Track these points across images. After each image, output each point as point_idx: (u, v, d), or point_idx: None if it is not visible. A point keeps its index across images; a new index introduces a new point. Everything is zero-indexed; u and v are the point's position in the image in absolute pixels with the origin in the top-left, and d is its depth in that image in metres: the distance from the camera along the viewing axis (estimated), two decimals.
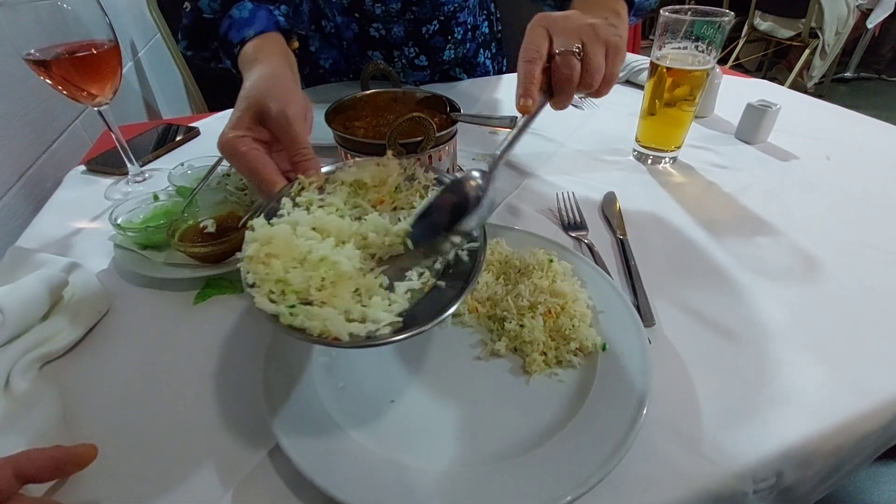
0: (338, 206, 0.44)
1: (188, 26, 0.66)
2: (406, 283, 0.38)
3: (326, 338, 0.33)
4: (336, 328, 0.33)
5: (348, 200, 0.45)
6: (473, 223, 0.39)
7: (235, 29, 0.60)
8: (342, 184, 0.46)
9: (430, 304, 0.37)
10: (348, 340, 0.33)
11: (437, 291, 0.38)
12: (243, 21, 0.60)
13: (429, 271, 0.39)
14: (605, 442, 0.36)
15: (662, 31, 0.69)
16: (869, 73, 3.67)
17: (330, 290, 0.36)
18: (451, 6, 0.95)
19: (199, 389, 0.44)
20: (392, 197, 0.46)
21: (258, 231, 0.38)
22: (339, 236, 0.40)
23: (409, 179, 0.48)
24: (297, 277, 0.36)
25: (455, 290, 0.37)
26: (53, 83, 0.62)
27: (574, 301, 0.46)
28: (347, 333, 0.33)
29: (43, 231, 0.66)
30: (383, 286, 0.38)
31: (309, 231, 0.39)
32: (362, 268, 0.39)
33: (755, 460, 0.37)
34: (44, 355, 0.46)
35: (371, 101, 0.68)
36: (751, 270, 0.55)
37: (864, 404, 0.41)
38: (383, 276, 0.38)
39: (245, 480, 0.36)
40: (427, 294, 0.38)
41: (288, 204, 0.42)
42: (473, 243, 0.41)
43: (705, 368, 0.44)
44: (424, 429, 0.39)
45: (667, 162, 0.77)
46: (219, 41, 0.63)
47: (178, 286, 0.55)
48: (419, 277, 0.39)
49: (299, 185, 0.44)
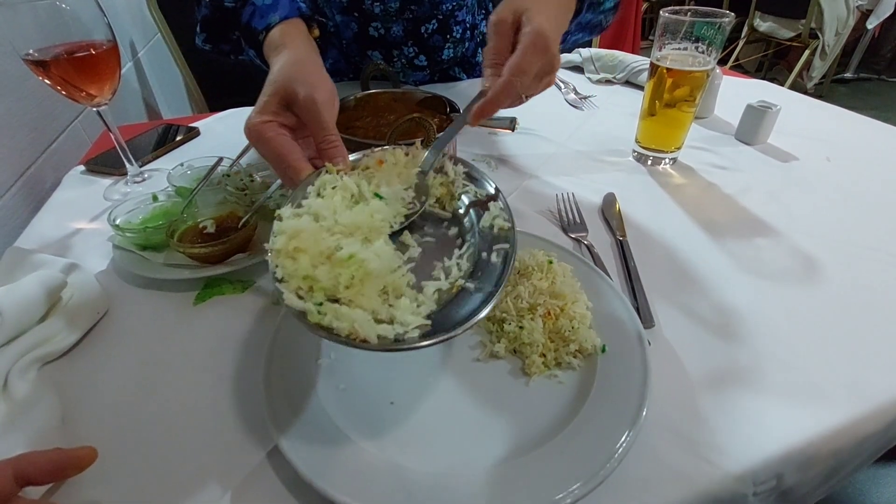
0: (352, 189, 0.43)
1: (207, 17, 0.65)
2: (434, 283, 0.37)
3: (354, 339, 0.32)
4: (365, 330, 0.32)
5: (360, 183, 0.44)
6: None
7: (259, 16, 0.59)
8: (368, 168, 0.46)
9: (458, 306, 0.36)
10: (377, 343, 0.32)
11: (465, 293, 0.37)
12: (266, 7, 0.60)
13: (457, 269, 0.39)
14: (605, 444, 0.36)
15: (662, 32, 0.69)
16: (869, 74, 3.67)
17: (358, 287, 0.35)
18: (450, 5, 0.95)
19: (199, 391, 0.44)
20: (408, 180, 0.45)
21: (286, 223, 0.38)
22: (368, 230, 0.39)
23: (438, 172, 0.47)
24: (324, 274, 0.35)
25: (484, 294, 0.36)
26: (52, 83, 0.62)
27: (574, 303, 0.46)
28: (376, 335, 0.32)
29: (42, 231, 0.65)
30: (411, 284, 0.37)
31: (336, 225, 0.39)
32: (390, 266, 0.38)
33: (755, 462, 0.37)
34: (42, 356, 0.46)
35: (371, 101, 0.68)
36: (750, 272, 0.55)
37: (864, 406, 0.41)
38: (410, 275, 0.38)
39: (244, 482, 0.36)
40: (456, 295, 0.37)
41: (312, 194, 0.42)
42: (504, 244, 0.40)
43: (705, 370, 0.44)
44: (424, 431, 0.39)
45: (667, 163, 0.77)
46: (241, 30, 0.62)
47: (178, 287, 0.54)
48: (447, 278, 0.38)
49: (326, 172, 0.44)
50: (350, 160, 0.45)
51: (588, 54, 1.13)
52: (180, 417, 0.42)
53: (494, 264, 0.39)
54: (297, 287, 0.35)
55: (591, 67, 1.12)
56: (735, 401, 0.41)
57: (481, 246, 0.40)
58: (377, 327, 0.33)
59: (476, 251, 0.40)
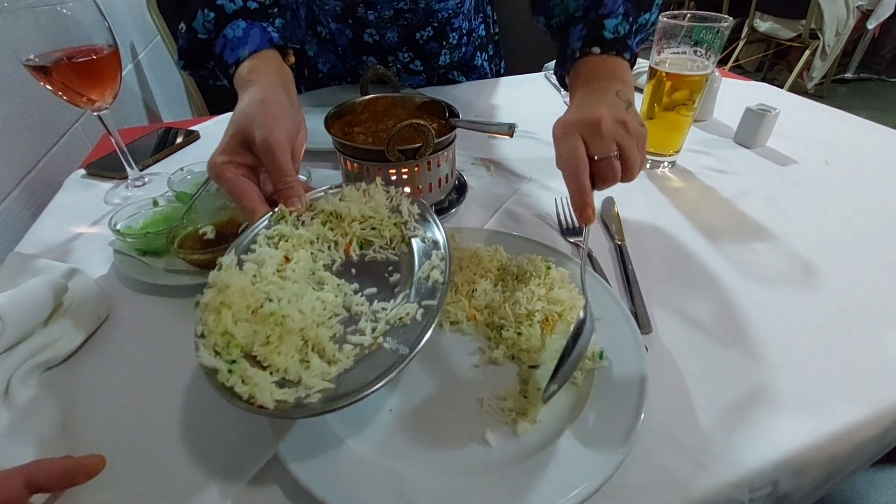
0: (311, 238, 0.44)
1: (184, 47, 0.66)
2: (357, 339, 0.37)
3: (252, 404, 0.32)
4: (262, 395, 0.32)
5: (320, 236, 0.45)
6: None
7: (230, 49, 0.60)
8: (321, 212, 0.46)
9: (371, 365, 0.35)
10: (272, 409, 0.32)
11: (382, 351, 0.36)
12: (237, 40, 0.60)
13: (384, 323, 0.38)
14: (602, 450, 0.36)
15: (661, 36, 0.69)
16: (869, 74, 3.67)
17: (275, 345, 0.35)
18: (445, 13, 0.94)
19: (199, 396, 0.44)
20: (361, 235, 0.46)
21: (220, 274, 0.38)
22: (303, 284, 0.40)
23: (393, 211, 0.48)
24: (242, 331, 0.35)
25: (396, 357, 0.35)
26: (53, 89, 0.62)
27: (572, 308, 0.46)
28: (273, 401, 0.32)
29: (43, 236, 0.66)
30: (336, 337, 0.37)
31: (272, 276, 0.39)
32: (317, 319, 0.38)
33: (751, 469, 0.37)
34: (44, 362, 0.46)
35: (370, 106, 0.68)
36: (748, 276, 0.55)
37: (861, 412, 0.41)
38: (339, 326, 0.38)
39: (244, 490, 0.37)
40: (374, 352, 0.36)
41: (262, 239, 0.43)
42: (431, 301, 0.39)
43: (702, 376, 0.44)
44: (422, 438, 0.39)
45: (665, 166, 0.77)
46: (215, 61, 0.63)
47: (178, 292, 0.55)
48: (372, 332, 0.38)
49: (280, 213, 0.45)
50: (307, 198, 0.47)
51: None
52: (181, 424, 0.42)
53: (418, 323, 0.37)
54: (215, 343, 0.35)
55: None
56: (731, 407, 0.41)
57: (413, 298, 0.40)
58: (277, 392, 0.33)
59: (407, 305, 0.39)
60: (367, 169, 0.58)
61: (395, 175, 0.58)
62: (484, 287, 0.50)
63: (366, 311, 0.40)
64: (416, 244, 0.45)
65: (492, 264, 0.53)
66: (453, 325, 0.48)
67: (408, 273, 0.43)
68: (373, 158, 0.57)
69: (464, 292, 0.50)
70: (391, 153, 0.55)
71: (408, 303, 0.39)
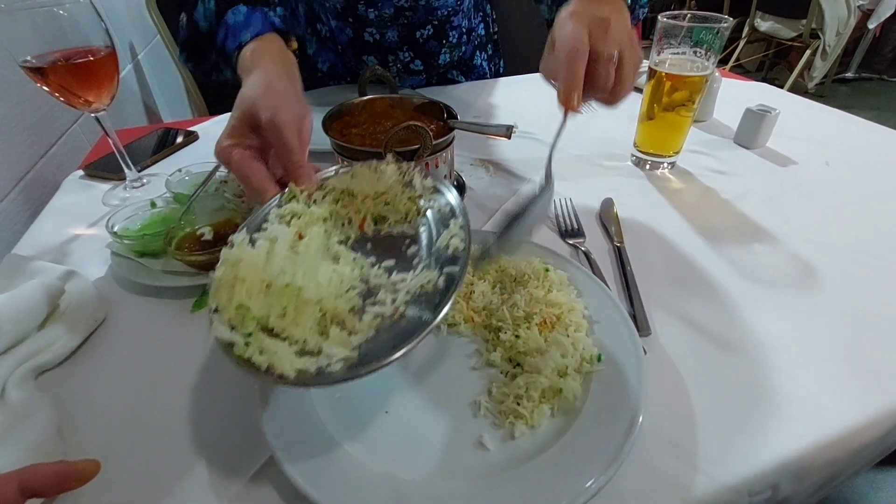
0: (324, 216, 0.43)
1: (185, 40, 0.66)
2: (376, 309, 0.36)
3: (272, 374, 0.31)
4: (282, 364, 0.31)
5: (333, 213, 0.44)
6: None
7: (231, 36, 0.59)
8: (333, 190, 0.46)
9: (394, 334, 0.34)
10: (293, 378, 0.31)
11: (404, 320, 0.36)
12: (238, 25, 0.60)
13: (405, 293, 0.37)
14: (600, 454, 0.36)
15: (661, 37, 0.69)
16: (870, 74, 3.67)
17: (292, 317, 0.35)
18: (445, 11, 0.94)
19: (196, 399, 0.44)
20: (375, 211, 0.45)
21: (233, 251, 0.37)
22: (317, 259, 0.39)
23: (406, 185, 0.46)
24: (257, 304, 0.35)
25: (421, 322, 0.34)
26: (50, 90, 0.62)
27: (570, 311, 0.46)
28: (294, 370, 0.31)
29: (40, 237, 0.66)
30: (355, 309, 0.37)
31: (285, 251, 0.38)
32: (334, 291, 0.37)
33: (751, 473, 0.37)
34: (40, 365, 0.46)
35: (368, 107, 0.68)
36: (748, 279, 0.55)
37: (861, 416, 0.41)
38: (357, 299, 0.37)
39: (239, 492, 0.36)
40: (396, 321, 0.36)
41: (274, 218, 0.42)
42: (453, 267, 0.37)
43: (701, 379, 0.44)
44: (419, 441, 0.39)
45: (665, 167, 0.77)
46: (217, 52, 0.62)
47: (176, 294, 0.54)
48: (393, 302, 0.37)
49: (290, 193, 0.44)
50: (317, 178, 0.46)
51: None
52: (177, 426, 0.42)
53: (440, 289, 0.37)
54: (230, 318, 0.34)
55: None
56: (730, 410, 0.41)
57: (434, 267, 0.39)
58: (298, 361, 0.32)
59: (428, 273, 0.38)
60: None
61: None
62: (482, 289, 0.50)
63: (384, 282, 0.39)
64: (432, 215, 0.44)
65: (490, 266, 0.52)
66: (451, 328, 0.48)
67: (426, 244, 0.42)
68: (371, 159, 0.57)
69: (461, 294, 0.50)
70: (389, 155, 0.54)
71: (428, 271, 0.38)
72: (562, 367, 0.41)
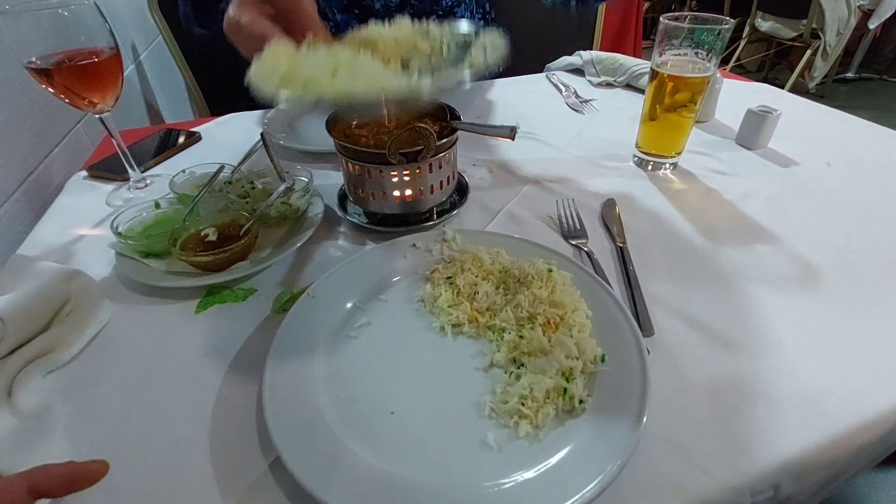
0: (348, 59, 0.43)
1: (188, 11, 0.65)
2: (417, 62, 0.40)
3: (373, 90, 0.33)
4: (383, 79, 0.33)
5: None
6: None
7: None
8: (354, 41, 0.46)
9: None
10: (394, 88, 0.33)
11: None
12: None
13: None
14: (604, 454, 0.36)
15: (662, 38, 0.69)
16: (870, 74, 3.66)
17: (346, 72, 0.35)
18: (449, 1, 0.95)
19: (201, 399, 0.44)
20: (399, 57, 0.46)
21: (269, 48, 0.38)
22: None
23: (423, 36, 0.49)
24: (306, 66, 0.35)
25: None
26: (55, 91, 0.62)
27: (573, 311, 0.46)
28: (391, 84, 0.33)
29: (44, 238, 0.66)
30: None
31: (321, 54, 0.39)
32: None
33: (753, 473, 0.37)
34: (46, 365, 0.46)
35: None
36: (750, 279, 0.55)
37: (862, 416, 0.41)
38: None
39: (245, 493, 0.37)
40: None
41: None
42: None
43: (704, 379, 0.44)
44: (424, 441, 0.39)
45: (667, 168, 0.77)
46: None
47: (180, 295, 0.55)
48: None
49: (310, 43, 0.43)
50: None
51: (589, 57, 1.13)
52: (182, 427, 0.42)
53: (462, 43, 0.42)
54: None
55: (592, 70, 1.12)
56: (733, 410, 0.41)
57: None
58: (393, 76, 0.34)
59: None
60: (369, 171, 0.58)
61: (396, 177, 0.58)
62: (486, 290, 0.50)
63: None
64: (455, 48, 0.47)
65: (493, 267, 0.53)
66: (455, 328, 0.48)
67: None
68: (374, 161, 0.57)
69: (465, 295, 0.50)
70: (393, 156, 0.55)
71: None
72: (566, 370, 0.42)
